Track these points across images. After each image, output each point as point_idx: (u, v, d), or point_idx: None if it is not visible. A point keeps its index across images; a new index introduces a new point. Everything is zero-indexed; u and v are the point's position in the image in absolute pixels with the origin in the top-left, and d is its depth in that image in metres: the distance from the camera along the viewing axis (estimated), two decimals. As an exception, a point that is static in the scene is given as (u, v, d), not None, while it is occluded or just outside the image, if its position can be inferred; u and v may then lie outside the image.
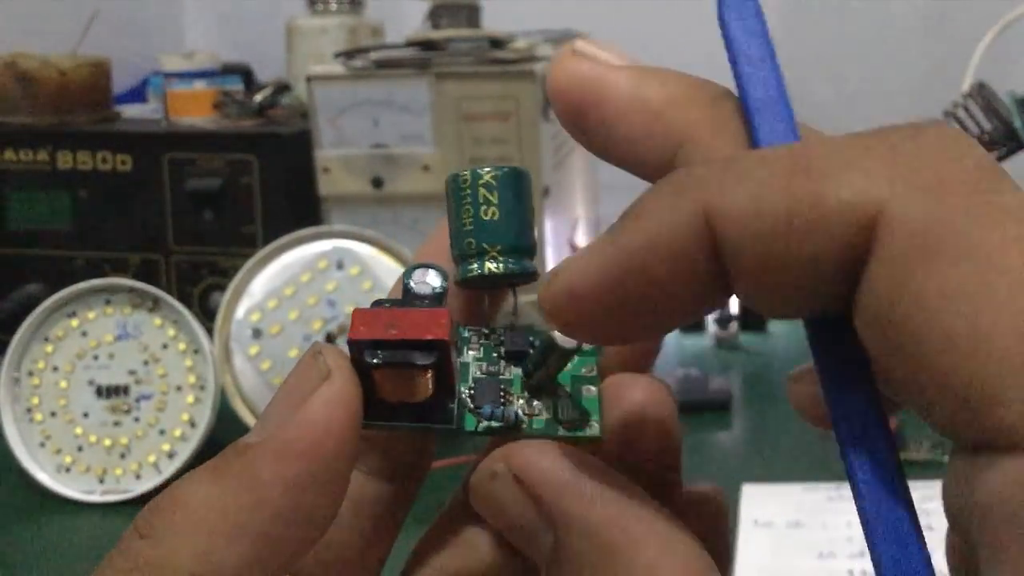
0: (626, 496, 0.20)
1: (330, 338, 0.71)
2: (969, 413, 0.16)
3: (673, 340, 0.91)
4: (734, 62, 0.21)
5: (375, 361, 0.21)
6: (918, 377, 0.16)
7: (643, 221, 0.18)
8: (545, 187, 0.81)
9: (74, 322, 0.71)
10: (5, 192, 0.90)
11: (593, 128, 0.21)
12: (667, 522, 0.20)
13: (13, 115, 0.90)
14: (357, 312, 0.21)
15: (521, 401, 0.23)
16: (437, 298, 0.22)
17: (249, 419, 0.71)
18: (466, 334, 0.23)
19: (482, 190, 0.23)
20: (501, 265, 0.23)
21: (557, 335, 0.21)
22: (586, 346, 0.23)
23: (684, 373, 0.81)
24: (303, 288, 0.71)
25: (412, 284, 0.23)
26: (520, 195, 0.23)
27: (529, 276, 0.23)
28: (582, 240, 0.93)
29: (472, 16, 0.88)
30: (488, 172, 0.23)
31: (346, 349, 0.21)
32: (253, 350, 0.71)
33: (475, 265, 0.23)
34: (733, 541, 0.61)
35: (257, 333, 0.71)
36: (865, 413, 0.18)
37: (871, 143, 0.18)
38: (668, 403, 0.23)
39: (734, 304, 0.87)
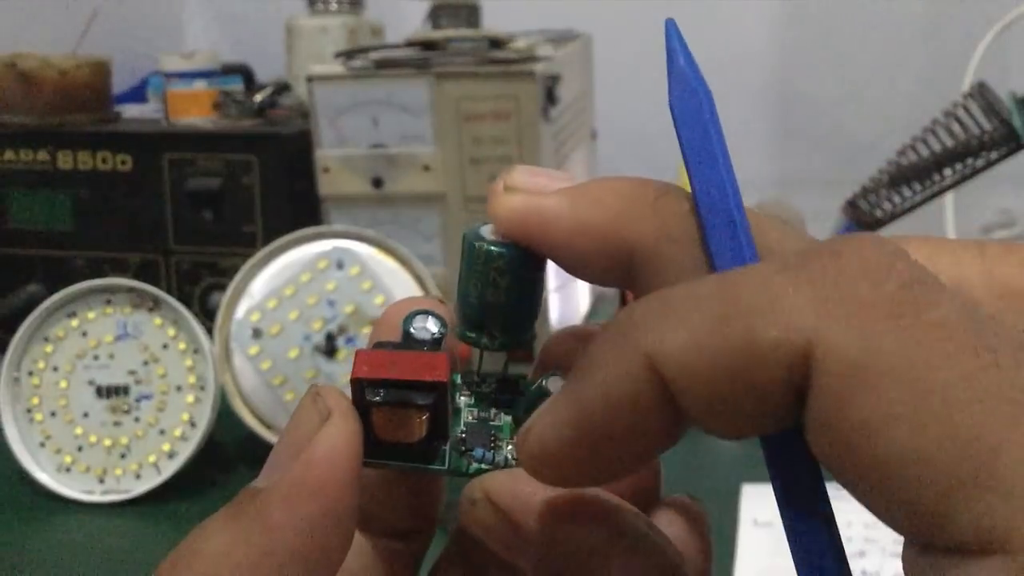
0: (599, 511, 0.21)
1: (330, 338, 0.70)
2: (923, 526, 0.17)
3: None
4: (684, 158, 0.21)
5: (376, 399, 0.22)
6: (869, 491, 0.17)
7: (594, 373, 0.19)
8: (545, 187, 0.81)
9: (74, 322, 0.71)
10: (5, 192, 0.90)
11: (549, 254, 0.22)
12: (636, 530, 0.21)
13: (13, 115, 0.90)
14: (360, 352, 0.22)
15: (510, 446, 0.23)
16: (436, 343, 0.23)
17: (249, 419, 0.71)
18: (459, 381, 0.24)
19: (492, 272, 0.23)
20: (496, 343, 0.24)
21: (548, 383, 0.23)
22: None
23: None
24: (303, 288, 0.71)
25: (412, 329, 0.23)
26: (531, 280, 0.23)
27: (525, 345, 0.24)
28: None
29: (472, 16, 0.88)
30: (502, 255, 0.22)
31: (346, 353, 0.22)
32: (253, 350, 0.71)
33: (472, 335, 0.24)
34: (733, 541, 0.61)
35: (257, 333, 0.71)
36: (818, 538, 0.19)
37: (796, 273, 0.18)
38: None
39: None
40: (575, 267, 0.22)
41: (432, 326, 0.23)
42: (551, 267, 0.23)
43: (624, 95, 1.15)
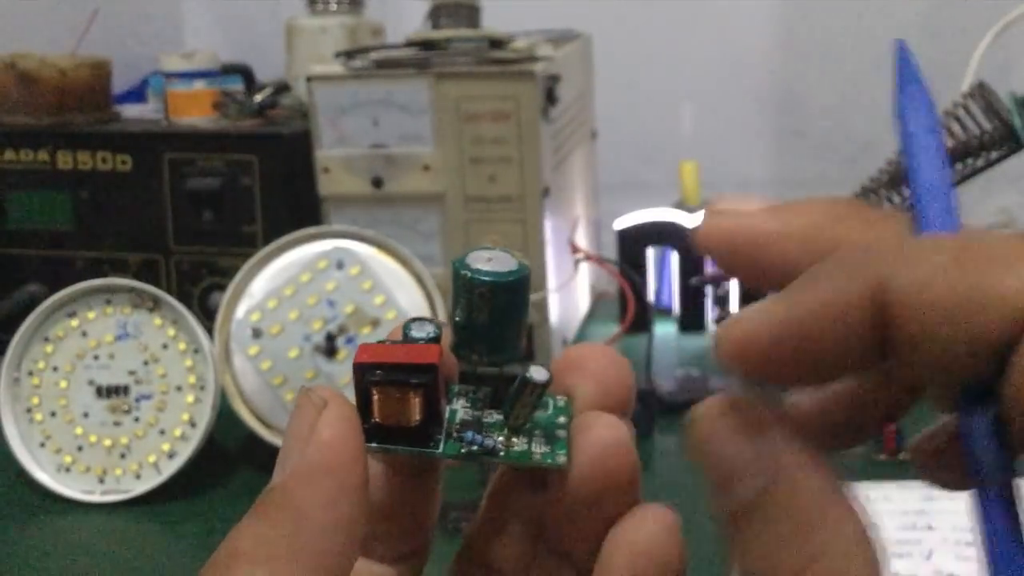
0: (824, 468, 0.21)
1: (330, 338, 0.70)
2: None
3: (673, 340, 0.91)
4: (909, 152, 0.23)
5: (374, 378, 0.24)
6: None
7: (818, 288, 0.21)
8: (545, 187, 0.81)
9: (74, 322, 0.71)
10: (5, 192, 0.90)
11: (757, 266, 0.23)
12: (850, 502, 0.21)
13: (13, 115, 0.90)
14: (362, 345, 0.25)
15: (500, 438, 0.26)
16: (431, 341, 0.26)
17: (249, 419, 0.71)
18: (456, 389, 0.27)
19: (476, 298, 0.25)
20: (485, 360, 0.26)
21: (532, 372, 0.25)
22: (560, 398, 0.26)
23: (684, 373, 0.81)
24: (303, 288, 0.71)
25: (411, 331, 0.26)
26: (512, 303, 0.25)
27: (511, 363, 0.26)
28: (582, 240, 0.93)
29: (472, 16, 0.88)
30: (484, 283, 0.25)
31: (346, 353, 0.23)
32: (253, 350, 0.71)
33: (462, 352, 0.26)
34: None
35: (257, 333, 0.71)
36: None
37: (1018, 245, 0.20)
38: (627, 438, 0.25)
39: (734, 304, 0.87)
40: (782, 276, 0.22)
41: (429, 328, 0.26)
42: (551, 268, 0.24)
43: (624, 95, 1.15)
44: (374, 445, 0.24)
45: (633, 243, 0.88)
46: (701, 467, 0.22)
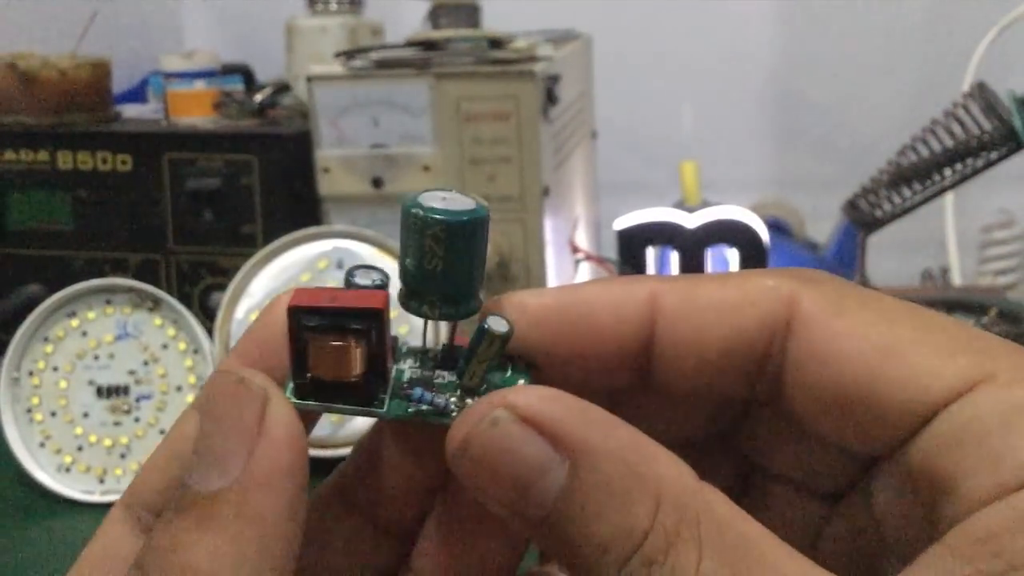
0: (623, 422, 0.21)
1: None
2: (917, 392, 0.20)
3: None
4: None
5: (311, 324, 0.21)
6: (851, 391, 0.21)
7: (604, 281, 0.24)
8: (545, 187, 0.81)
9: (74, 322, 0.71)
10: (5, 192, 0.90)
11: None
12: (656, 443, 0.21)
13: (13, 115, 0.90)
14: (299, 289, 0.22)
15: (453, 398, 0.23)
16: (378, 288, 0.23)
17: (249, 419, 0.71)
18: (404, 350, 0.24)
19: (428, 240, 0.22)
20: (437, 311, 0.23)
21: (490, 322, 0.22)
22: (520, 362, 0.24)
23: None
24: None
25: (354, 278, 0.23)
26: (469, 247, 0.23)
27: (468, 315, 0.24)
28: (582, 240, 0.93)
29: (472, 16, 0.88)
30: (438, 222, 0.22)
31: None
32: (253, 350, 0.71)
33: (412, 304, 0.23)
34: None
35: (257, 333, 0.71)
36: None
37: (772, 269, 0.23)
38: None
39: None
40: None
41: (375, 275, 0.24)
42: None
43: (624, 95, 1.15)
44: (311, 402, 0.22)
45: (633, 243, 0.88)
46: (488, 482, 0.20)
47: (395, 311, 0.23)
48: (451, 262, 0.22)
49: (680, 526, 0.19)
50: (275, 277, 0.72)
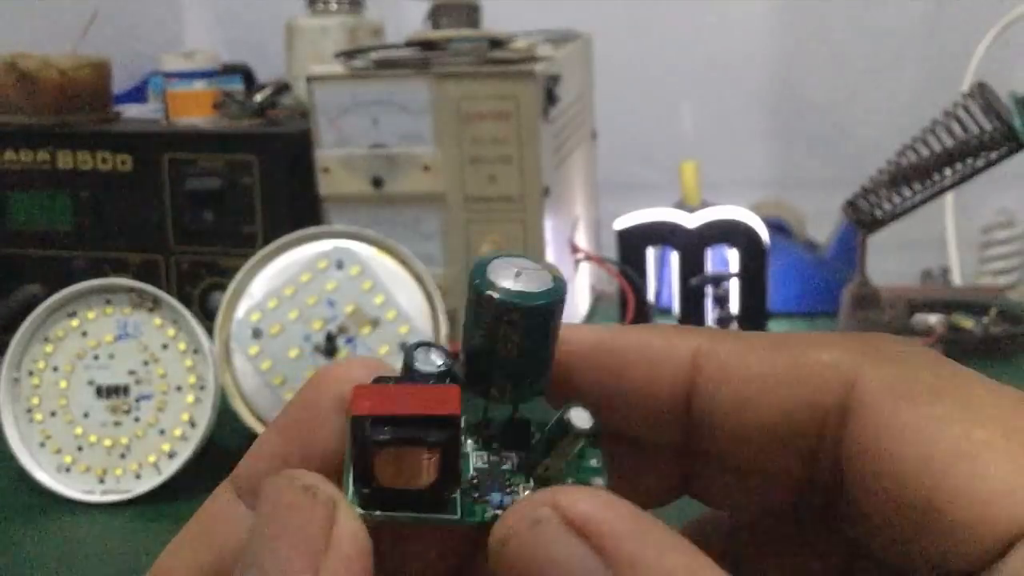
0: (685, 544, 0.18)
1: (330, 338, 0.70)
2: (984, 513, 0.17)
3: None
4: None
5: (382, 438, 0.19)
6: (919, 498, 0.18)
7: (644, 328, 0.21)
8: (545, 187, 0.81)
9: (74, 322, 0.71)
10: (5, 192, 0.90)
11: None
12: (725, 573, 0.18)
13: (13, 115, 0.90)
14: (359, 388, 0.20)
15: (527, 491, 0.21)
16: (442, 377, 0.21)
17: (249, 419, 0.71)
18: (462, 424, 0.21)
19: (504, 325, 0.20)
20: (507, 396, 0.21)
21: (573, 416, 0.20)
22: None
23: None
24: (303, 288, 0.71)
25: (416, 363, 0.21)
26: (547, 330, 0.20)
27: (538, 395, 0.22)
28: (582, 240, 0.93)
29: (472, 16, 0.88)
30: (516, 307, 0.20)
31: (346, 353, 0.20)
32: (253, 350, 0.71)
33: (478, 386, 0.21)
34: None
35: (257, 333, 0.71)
36: None
37: (838, 335, 0.21)
38: None
39: (734, 304, 0.87)
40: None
41: (436, 358, 0.21)
42: None
43: (624, 95, 1.15)
44: (377, 514, 0.19)
45: (633, 243, 0.88)
46: None
47: None
48: (528, 347, 0.20)
49: None
50: (275, 277, 0.72)
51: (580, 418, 0.20)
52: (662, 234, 0.88)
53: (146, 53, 1.19)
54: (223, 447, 0.74)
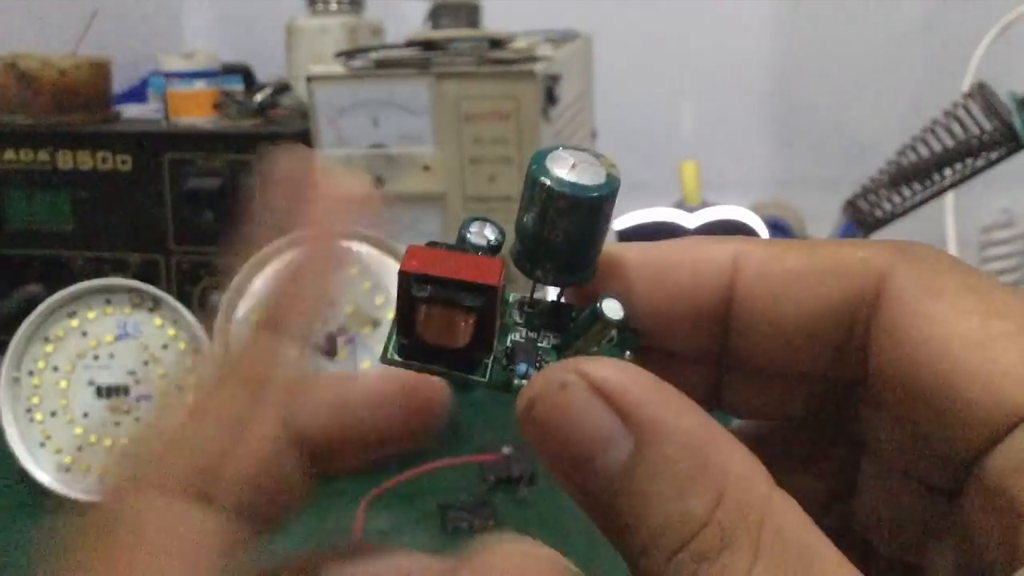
0: (702, 411, 0.19)
1: (330, 338, 0.70)
2: (990, 398, 0.18)
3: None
4: None
5: (422, 295, 0.20)
6: (934, 383, 0.19)
7: (687, 241, 0.22)
8: (545, 187, 0.81)
9: (74, 322, 0.71)
10: (5, 192, 0.90)
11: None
12: (737, 439, 0.19)
13: (13, 115, 0.90)
14: (411, 247, 0.21)
15: None
16: (492, 250, 0.22)
17: (249, 419, 0.71)
18: (511, 299, 0.23)
19: (552, 211, 0.21)
20: (550, 278, 0.22)
21: (604, 306, 0.21)
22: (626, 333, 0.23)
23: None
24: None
25: (469, 234, 0.22)
26: (594, 221, 0.21)
27: (583, 284, 0.23)
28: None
29: (472, 16, 0.88)
30: (564, 196, 0.21)
31: (346, 353, 0.21)
32: (253, 350, 0.71)
33: (526, 265, 0.23)
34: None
35: (257, 333, 0.71)
36: None
37: (873, 240, 0.21)
38: None
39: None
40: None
41: (490, 233, 0.22)
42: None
43: (624, 95, 1.15)
44: (413, 362, 0.21)
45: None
46: (551, 446, 0.19)
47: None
48: (574, 235, 0.21)
49: (738, 527, 0.18)
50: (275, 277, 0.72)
51: (611, 308, 0.21)
52: (662, 234, 0.88)
53: (146, 53, 1.19)
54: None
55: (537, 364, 0.22)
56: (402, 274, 0.21)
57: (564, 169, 0.21)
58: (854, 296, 0.20)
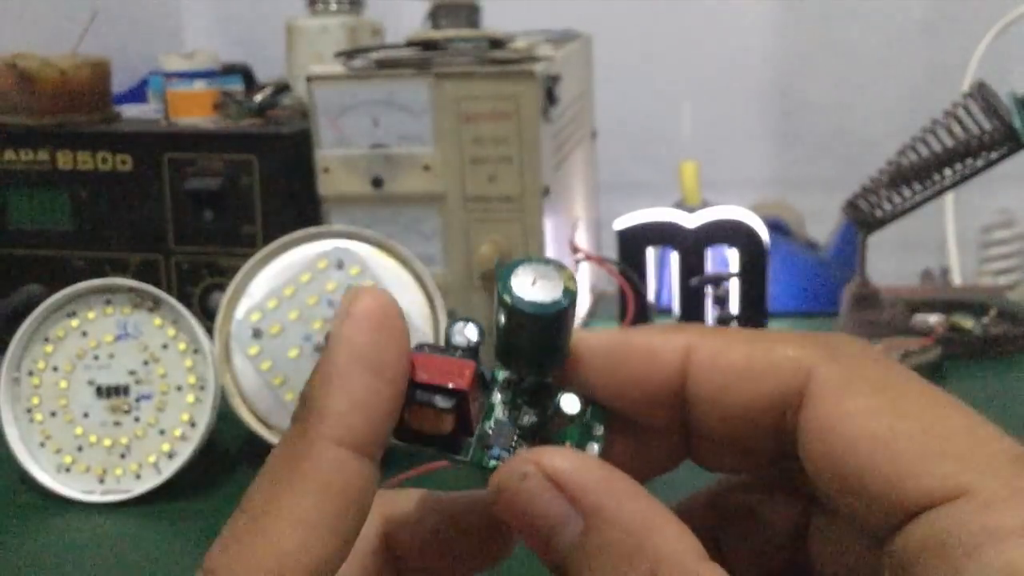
0: (643, 494, 0.23)
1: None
2: (901, 488, 0.21)
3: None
4: None
5: (410, 395, 0.24)
6: (848, 473, 0.22)
7: (641, 331, 0.25)
8: (545, 187, 0.81)
9: (74, 322, 0.71)
10: (5, 192, 0.90)
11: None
12: (674, 517, 0.22)
13: (13, 115, 0.90)
14: (413, 353, 0.25)
15: (524, 451, 0.25)
16: (471, 351, 0.25)
17: (249, 419, 0.71)
18: (500, 377, 0.26)
19: (513, 323, 0.24)
20: (523, 371, 0.26)
21: (562, 402, 0.25)
22: (589, 420, 0.26)
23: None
24: (303, 288, 0.71)
25: (453, 334, 0.25)
26: (551, 333, 0.25)
27: (553, 372, 0.26)
28: (582, 240, 0.93)
29: (472, 16, 0.88)
30: (520, 312, 0.24)
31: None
32: (253, 350, 0.71)
33: (502, 359, 0.26)
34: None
35: (257, 333, 0.71)
36: None
37: (807, 335, 0.24)
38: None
39: (734, 304, 0.87)
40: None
41: (471, 334, 0.25)
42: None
43: (624, 95, 1.15)
44: (411, 445, 0.25)
45: (633, 243, 0.88)
46: (516, 524, 0.23)
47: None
48: (537, 341, 0.25)
49: None
50: (275, 277, 0.72)
51: (569, 403, 0.25)
52: (662, 234, 0.88)
53: (146, 53, 1.19)
54: (223, 447, 0.74)
55: (510, 448, 0.25)
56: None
57: (525, 286, 0.24)
58: (785, 392, 0.23)
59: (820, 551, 0.26)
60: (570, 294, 0.24)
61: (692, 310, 0.89)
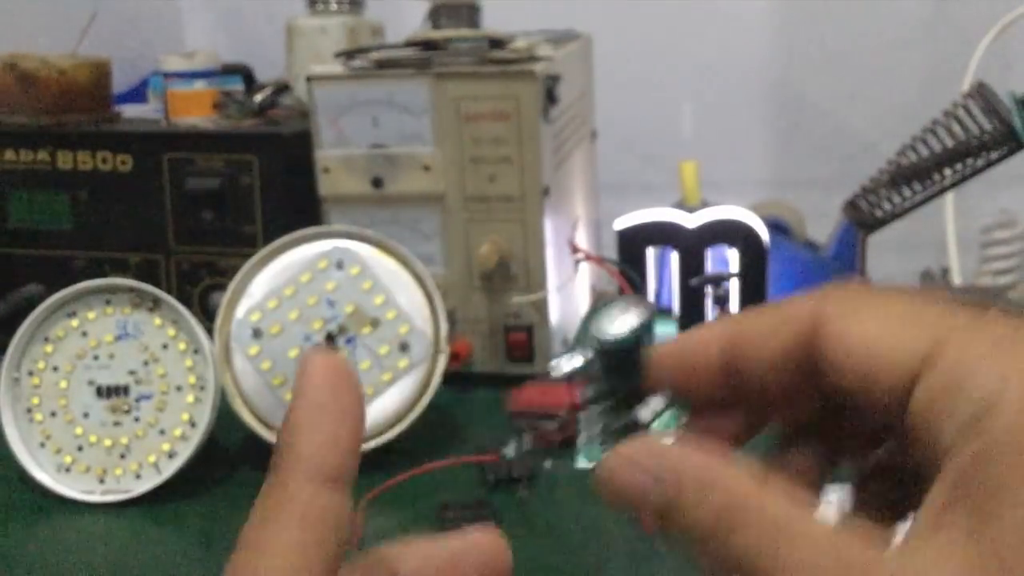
0: (703, 454, 0.27)
1: (330, 338, 0.70)
2: (871, 371, 0.27)
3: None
4: None
5: (521, 421, 0.32)
6: (845, 367, 0.27)
7: (701, 329, 0.31)
8: (545, 187, 0.81)
9: (74, 322, 0.71)
10: (5, 192, 0.90)
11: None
12: (733, 461, 0.27)
13: (13, 115, 0.90)
14: (514, 391, 0.32)
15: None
16: (573, 376, 0.31)
17: (249, 419, 0.71)
18: (594, 394, 0.31)
19: (603, 354, 0.31)
20: (615, 386, 0.31)
21: (641, 414, 0.30)
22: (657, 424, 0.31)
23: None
24: (303, 288, 0.71)
25: (560, 364, 0.31)
26: (626, 360, 0.31)
27: (639, 382, 0.31)
28: (582, 240, 0.93)
29: (472, 16, 0.88)
30: (599, 342, 0.30)
31: (346, 353, 0.28)
32: (253, 350, 0.71)
33: (596, 382, 0.31)
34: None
35: (257, 333, 0.71)
36: None
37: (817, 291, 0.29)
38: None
39: (734, 305, 0.87)
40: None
41: (576, 362, 0.31)
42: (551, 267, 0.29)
43: (624, 95, 1.15)
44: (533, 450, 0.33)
45: (633, 243, 0.88)
46: (618, 504, 0.28)
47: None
48: (616, 367, 0.31)
49: (733, 512, 0.26)
50: (275, 277, 0.72)
51: (643, 414, 0.30)
52: (662, 234, 0.88)
53: (146, 53, 1.19)
54: (223, 447, 0.74)
55: (604, 448, 0.29)
56: (511, 413, 0.32)
57: (607, 320, 0.31)
58: (802, 332, 0.28)
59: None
60: (641, 328, 0.31)
61: (692, 310, 0.88)
